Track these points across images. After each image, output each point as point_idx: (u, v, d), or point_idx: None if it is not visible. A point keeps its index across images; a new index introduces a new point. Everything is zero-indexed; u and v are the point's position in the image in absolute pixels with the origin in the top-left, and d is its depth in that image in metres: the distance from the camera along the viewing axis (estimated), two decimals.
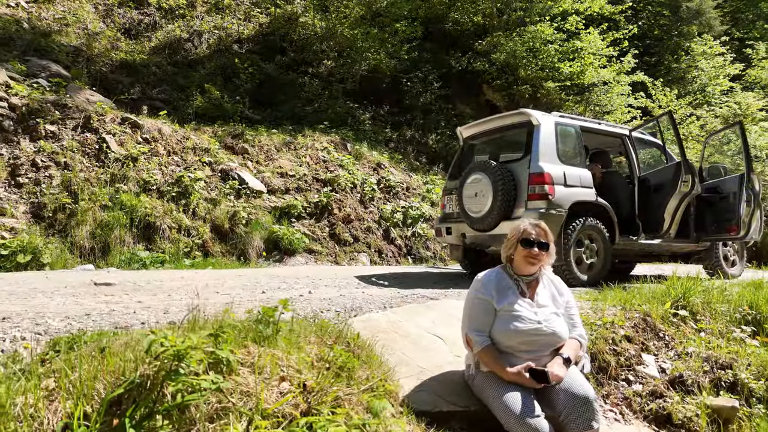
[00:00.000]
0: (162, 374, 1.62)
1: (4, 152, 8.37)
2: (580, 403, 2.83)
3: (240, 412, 1.88)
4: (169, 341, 1.65)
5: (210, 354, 1.84)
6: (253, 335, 2.25)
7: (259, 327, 2.25)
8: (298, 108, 13.74)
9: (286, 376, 2.13)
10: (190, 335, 1.75)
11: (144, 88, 13.24)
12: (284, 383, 2.09)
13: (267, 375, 2.08)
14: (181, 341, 1.67)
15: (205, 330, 2.14)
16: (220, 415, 1.85)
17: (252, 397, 1.95)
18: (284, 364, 2.17)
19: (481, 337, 3.08)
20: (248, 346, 2.16)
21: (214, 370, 1.92)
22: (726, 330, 4.41)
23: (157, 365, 1.67)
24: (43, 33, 12.78)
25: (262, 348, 2.20)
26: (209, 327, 2.03)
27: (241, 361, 2.07)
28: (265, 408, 1.92)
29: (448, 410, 3.07)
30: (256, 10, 16.45)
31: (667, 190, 6.41)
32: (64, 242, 7.70)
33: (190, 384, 1.62)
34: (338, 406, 2.12)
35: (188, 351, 1.64)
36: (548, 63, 15.72)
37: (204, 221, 9.01)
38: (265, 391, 2.01)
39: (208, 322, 2.18)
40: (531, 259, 3.18)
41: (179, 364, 1.62)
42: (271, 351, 2.19)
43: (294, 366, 2.21)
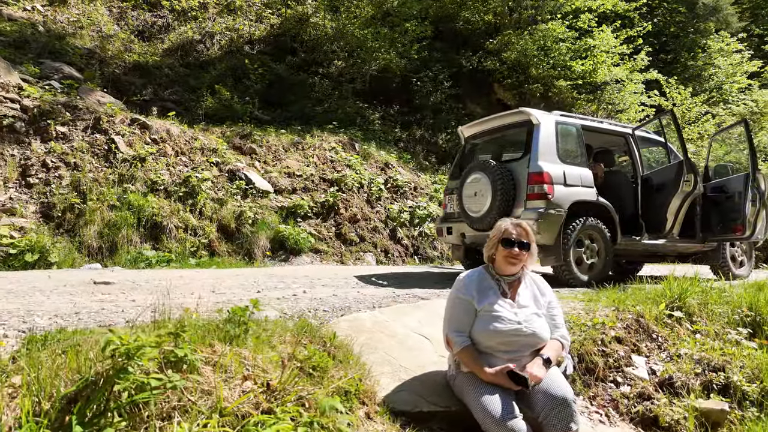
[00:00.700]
0: (111, 372, 1.65)
1: (16, 153, 8.54)
2: (558, 405, 2.81)
3: (199, 411, 1.91)
4: (121, 340, 1.68)
5: (170, 353, 1.87)
6: (220, 334, 2.27)
7: (227, 326, 2.28)
8: (308, 108, 13.81)
9: (251, 375, 2.15)
10: (140, 335, 1.78)
11: (156, 89, 13.41)
12: (247, 382, 2.11)
13: (231, 374, 2.10)
14: (134, 340, 1.70)
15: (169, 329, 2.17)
16: (177, 413, 1.87)
17: (213, 396, 1.97)
18: (250, 363, 2.19)
19: (461, 337, 3.07)
20: (214, 345, 2.18)
21: (175, 368, 1.95)
22: (722, 332, 4.34)
23: (110, 363, 1.70)
24: (57, 36, 13.01)
25: (229, 347, 2.22)
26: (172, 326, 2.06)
27: (206, 360, 2.10)
28: (225, 407, 1.94)
29: (428, 410, 3.07)
30: (267, 11, 16.56)
31: (669, 190, 6.32)
32: (72, 241, 7.83)
33: (139, 382, 1.65)
34: (302, 406, 2.13)
35: (138, 350, 1.66)
36: (560, 61, 15.58)
37: (211, 221, 9.10)
38: (226, 390, 2.03)
39: (171, 321, 2.20)
40: (511, 259, 3.16)
41: (128, 363, 1.65)
42: (237, 350, 2.21)
43: (260, 365, 2.23)
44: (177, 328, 1.96)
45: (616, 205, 6.58)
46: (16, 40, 12.03)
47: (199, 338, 2.17)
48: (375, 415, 2.70)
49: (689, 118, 15.67)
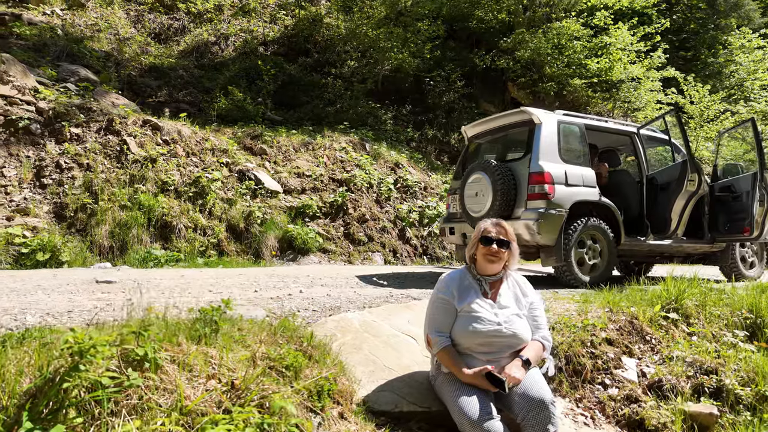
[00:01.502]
0: (62, 371, 1.70)
1: (31, 154, 8.76)
2: (535, 406, 2.80)
3: (159, 409, 1.95)
4: (75, 339, 1.72)
5: (131, 351, 1.91)
6: (189, 333, 2.31)
7: (196, 326, 2.32)
8: (320, 109, 13.88)
9: (216, 374, 2.18)
10: (93, 333, 1.82)
11: (171, 91, 13.61)
12: (212, 381, 2.15)
13: (196, 373, 2.14)
14: (89, 338, 1.75)
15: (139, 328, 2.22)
16: (137, 411, 1.92)
17: (175, 394, 2.01)
18: (217, 362, 2.22)
19: (441, 337, 3.08)
20: (182, 344, 2.22)
21: (139, 366, 1.99)
22: (719, 334, 4.27)
23: (66, 361, 1.75)
24: (75, 39, 13.28)
25: (197, 346, 2.26)
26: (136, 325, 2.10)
27: (172, 359, 2.14)
28: (186, 405, 1.97)
29: (408, 410, 3.08)
30: (281, 12, 16.67)
31: (673, 190, 6.22)
32: (83, 241, 7.99)
33: (92, 380, 1.69)
34: (261, 406, 2.16)
35: (90, 348, 1.71)
36: (574, 60, 15.42)
37: (220, 221, 9.21)
38: (190, 389, 2.07)
39: (137, 319, 2.24)
40: (490, 257, 3.16)
41: (80, 361, 1.70)
42: (204, 349, 2.25)
43: (227, 364, 2.26)
44: (140, 327, 2.00)
45: (621, 205, 6.51)
46: (35, 44, 12.31)
47: (166, 337, 2.21)
48: (349, 414, 2.72)
49: (707, 116, 15.37)
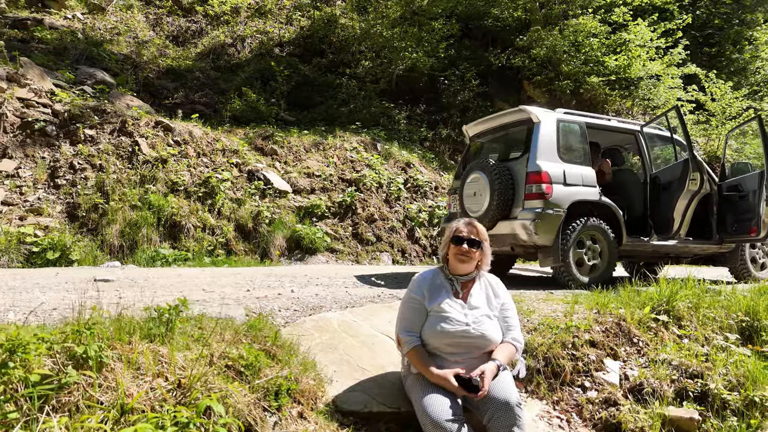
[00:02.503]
0: None
1: (46, 156, 8.99)
2: (501, 408, 2.77)
3: (100, 406, 1.98)
4: (8, 336, 1.77)
5: (71, 348, 1.95)
6: (143, 332, 2.35)
7: (150, 324, 2.35)
8: (333, 109, 13.93)
9: (164, 372, 2.21)
10: (21, 331, 1.87)
11: (187, 92, 13.82)
12: (159, 379, 2.18)
13: (143, 371, 2.17)
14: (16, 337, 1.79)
15: (102, 326, 2.26)
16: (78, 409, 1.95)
17: (117, 392, 2.04)
18: (166, 360, 2.25)
19: (411, 337, 3.07)
20: (132, 343, 2.26)
21: (84, 364, 2.03)
22: (712, 337, 4.16)
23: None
24: (95, 43, 13.59)
25: (149, 344, 2.30)
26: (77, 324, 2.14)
27: (119, 357, 2.17)
28: (126, 403, 2.00)
29: (378, 411, 3.08)
30: (297, 13, 16.79)
31: (675, 189, 6.08)
32: (94, 240, 8.17)
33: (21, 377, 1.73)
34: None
35: (23, 346, 1.75)
36: (592, 57, 15.18)
37: (228, 220, 9.32)
38: (135, 387, 2.10)
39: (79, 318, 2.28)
40: (461, 256, 3.14)
41: (10, 358, 1.74)
42: (155, 347, 2.28)
43: (179, 363, 2.29)
44: (83, 325, 2.05)
45: (624, 205, 6.40)
46: (56, 48, 12.64)
47: (117, 336, 2.25)
48: (310, 414, 2.73)
49: (730, 113, 14.97)
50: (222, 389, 2.21)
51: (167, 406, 1.95)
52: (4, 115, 9.02)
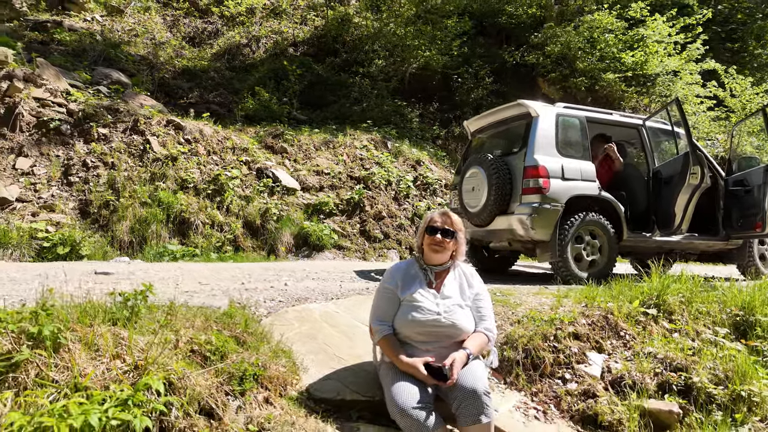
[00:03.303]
0: None
1: (60, 154, 9.20)
2: (468, 396, 2.77)
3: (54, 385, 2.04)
4: None
5: (26, 329, 2.02)
6: (106, 316, 2.41)
7: (114, 308, 2.41)
8: (346, 108, 13.99)
9: (122, 354, 2.26)
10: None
11: (202, 92, 14.02)
12: (117, 361, 2.23)
13: (102, 353, 2.23)
14: None
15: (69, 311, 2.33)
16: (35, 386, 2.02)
17: (72, 371, 2.09)
18: (126, 343, 2.30)
19: (383, 326, 3.09)
20: (93, 326, 2.31)
21: (38, 345, 2.10)
22: (702, 331, 4.08)
23: None
24: (113, 44, 13.86)
25: (111, 327, 2.35)
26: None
27: (79, 339, 2.23)
28: (80, 382, 2.06)
29: (350, 399, 3.10)
30: (311, 13, 16.90)
31: (676, 183, 5.97)
32: (105, 236, 8.35)
33: None
34: (170, 384, 2.23)
35: None
36: (608, 53, 14.98)
37: (237, 217, 9.43)
38: (91, 367, 2.15)
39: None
40: (435, 246, 3.15)
41: None
42: (116, 330, 2.33)
43: (140, 346, 2.34)
44: (38, 307, 2.11)
45: (627, 200, 6.31)
46: (74, 49, 12.93)
47: (79, 318, 2.31)
48: (277, 399, 2.76)
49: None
50: (178, 371, 2.24)
51: (118, 386, 2.00)
52: (21, 115, 9.26)
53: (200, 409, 2.41)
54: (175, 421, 2.22)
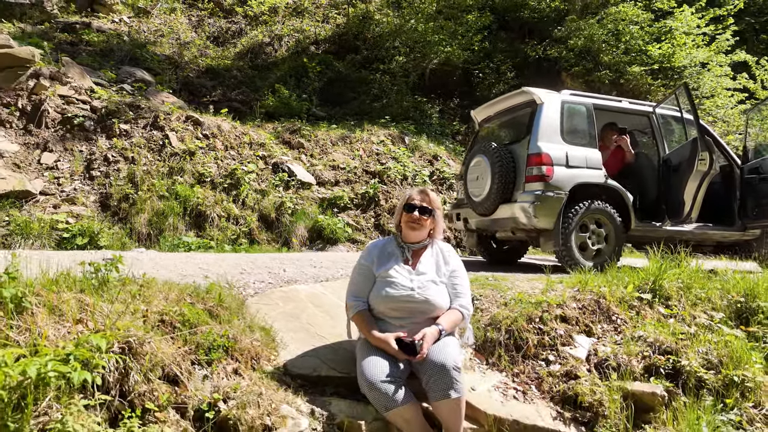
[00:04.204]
0: None
1: (83, 149, 9.49)
2: (437, 371, 2.76)
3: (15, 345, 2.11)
4: None
5: None
6: (76, 285, 2.49)
7: (83, 278, 2.49)
8: (366, 105, 14.04)
9: (85, 319, 2.33)
10: None
11: (225, 90, 14.27)
12: (79, 325, 2.30)
13: (66, 318, 2.30)
14: None
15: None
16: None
17: (33, 334, 2.17)
18: (90, 310, 2.37)
19: (357, 301, 3.11)
20: (60, 292, 2.39)
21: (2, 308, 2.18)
22: (697, 316, 3.97)
23: None
24: (139, 44, 14.23)
25: (77, 295, 2.42)
26: None
27: (44, 304, 2.31)
28: (39, 343, 2.13)
29: (326, 375, 3.12)
30: (333, 11, 17.01)
31: (684, 170, 5.80)
32: (124, 228, 8.57)
33: None
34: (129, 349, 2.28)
35: None
36: (634, 46, 14.67)
37: (252, 211, 9.56)
38: (53, 330, 2.22)
39: None
40: (412, 223, 3.16)
41: None
42: (81, 297, 2.40)
43: (105, 313, 2.41)
44: (4, 272, 2.20)
45: (637, 188, 6.17)
46: (102, 50, 13.32)
47: (46, 285, 2.39)
48: (247, 371, 2.79)
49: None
50: (140, 337, 2.30)
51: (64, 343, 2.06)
52: (46, 111, 9.59)
53: (164, 376, 2.46)
54: (134, 385, 2.27)
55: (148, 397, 2.29)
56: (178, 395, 2.43)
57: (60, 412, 1.98)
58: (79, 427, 1.95)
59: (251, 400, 2.56)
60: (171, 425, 2.28)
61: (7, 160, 8.91)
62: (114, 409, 2.23)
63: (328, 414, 2.82)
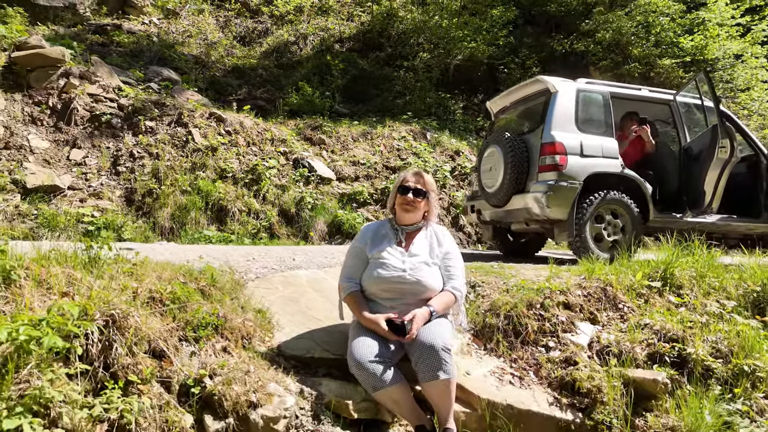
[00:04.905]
0: None
1: (111, 145, 9.73)
2: (426, 351, 2.74)
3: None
4: None
5: None
6: (66, 261, 2.54)
7: (75, 254, 2.54)
8: (389, 101, 14.03)
9: (72, 293, 2.38)
10: None
11: (250, 89, 14.46)
12: (65, 298, 2.35)
13: (53, 291, 2.35)
14: None
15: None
16: None
17: (17, 304, 2.23)
18: (77, 284, 2.42)
19: (350, 283, 3.10)
20: (50, 267, 2.45)
21: None
22: (717, 306, 3.83)
23: None
24: (168, 45, 14.53)
25: (65, 269, 2.48)
26: None
27: (32, 277, 2.37)
28: (22, 312, 2.18)
29: (319, 356, 3.13)
30: (358, 9, 17.07)
31: (704, 159, 5.60)
32: (147, 222, 8.76)
33: None
34: (113, 322, 2.32)
35: None
36: (665, 38, 14.29)
37: (273, 205, 9.66)
38: (38, 302, 2.28)
39: None
40: (406, 205, 3.14)
41: None
42: (69, 272, 2.46)
43: (92, 288, 2.45)
44: None
45: (657, 179, 6.00)
46: (132, 50, 13.66)
47: (37, 261, 2.45)
48: (236, 350, 2.81)
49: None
50: (124, 310, 2.34)
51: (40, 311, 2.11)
52: (76, 109, 9.87)
53: (151, 351, 2.50)
54: (118, 358, 2.31)
55: (131, 369, 2.32)
56: (163, 370, 2.46)
57: (40, 380, 2.02)
58: (57, 393, 1.99)
59: (237, 377, 2.58)
60: (153, 397, 2.30)
61: (38, 156, 9.21)
62: (98, 380, 2.27)
63: (317, 393, 2.82)
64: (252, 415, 2.50)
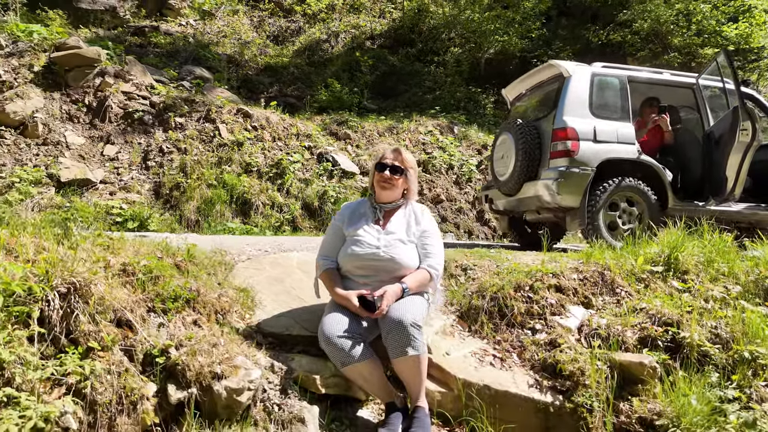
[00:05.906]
0: None
1: (142, 141, 10.04)
2: (394, 327, 2.69)
3: None
4: None
5: None
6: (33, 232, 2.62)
7: (49, 226, 2.62)
8: (418, 97, 13.96)
9: (38, 261, 2.44)
10: None
11: (281, 87, 14.65)
12: (30, 265, 2.41)
13: (20, 258, 2.43)
14: None
15: None
16: None
17: None
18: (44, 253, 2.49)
19: (326, 260, 3.09)
20: (17, 237, 2.52)
21: None
22: (723, 291, 3.63)
23: None
24: (203, 45, 14.88)
25: (34, 239, 2.55)
26: None
27: (1, 246, 2.45)
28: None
29: (297, 334, 3.12)
30: (389, 6, 17.06)
31: (725, 143, 5.31)
32: (174, 215, 8.99)
33: None
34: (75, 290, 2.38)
35: None
36: (707, 27, 13.72)
37: (296, 199, 9.75)
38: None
39: None
40: (383, 183, 3.10)
41: None
42: (38, 241, 2.53)
43: (58, 254, 2.52)
44: None
45: (679, 166, 5.75)
46: (168, 51, 14.07)
47: (10, 231, 2.54)
48: (207, 324, 2.83)
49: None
50: (87, 278, 2.39)
51: None
52: (110, 107, 10.22)
53: (116, 320, 2.54)
54: (79, 325, 2.36)
55: (93, 337, 2.37)
56: (127, 339, 2.50)
57: None
58: (8, 354, 2.04)
59: (204, 348, 2.59)
60: (113, 365, 2.34)
61: (74, 151, 9.58)
62: (61, 346, 2.33)
63: (287, 369, 2.81)
64: (215, 386, 2.50)
